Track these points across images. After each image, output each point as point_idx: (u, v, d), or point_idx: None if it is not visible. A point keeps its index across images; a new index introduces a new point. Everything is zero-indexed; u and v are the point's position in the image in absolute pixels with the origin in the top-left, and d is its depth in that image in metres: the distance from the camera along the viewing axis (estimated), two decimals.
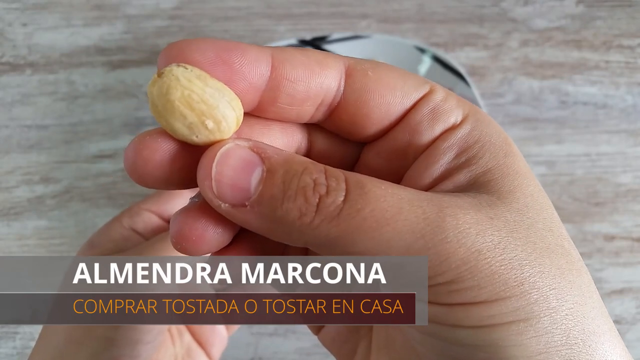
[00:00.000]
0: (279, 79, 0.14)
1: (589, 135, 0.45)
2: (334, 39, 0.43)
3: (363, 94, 0.15)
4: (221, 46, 0.13)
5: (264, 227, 0.13)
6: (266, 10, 0.49)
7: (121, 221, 0.25)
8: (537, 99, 0.46)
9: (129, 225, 0.25)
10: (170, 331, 0.26)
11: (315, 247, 0.13)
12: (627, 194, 0.44)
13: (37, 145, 0.46)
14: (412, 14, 0.48)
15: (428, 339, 0.14)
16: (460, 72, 0.42)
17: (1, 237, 0.44)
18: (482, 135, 0.15)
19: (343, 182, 0.13)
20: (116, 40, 0.48)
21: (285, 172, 0.13)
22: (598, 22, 0.48)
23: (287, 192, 0.12)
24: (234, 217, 0.13)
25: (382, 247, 0.13)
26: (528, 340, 0.13)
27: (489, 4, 0.48)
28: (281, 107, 0.14)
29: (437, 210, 0.13)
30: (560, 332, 0.13)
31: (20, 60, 0.48)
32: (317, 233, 0.13)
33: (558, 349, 0.13)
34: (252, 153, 0.13)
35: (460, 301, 0.13)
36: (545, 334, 0.13)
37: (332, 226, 0.13)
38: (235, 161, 0.13)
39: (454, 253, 0.13)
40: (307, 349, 0.41)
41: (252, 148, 0.13)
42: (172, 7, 0.49)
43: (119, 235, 0.24)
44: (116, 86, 0.47)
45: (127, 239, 0.24)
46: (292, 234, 0.13)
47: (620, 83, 0.46)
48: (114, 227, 0.24)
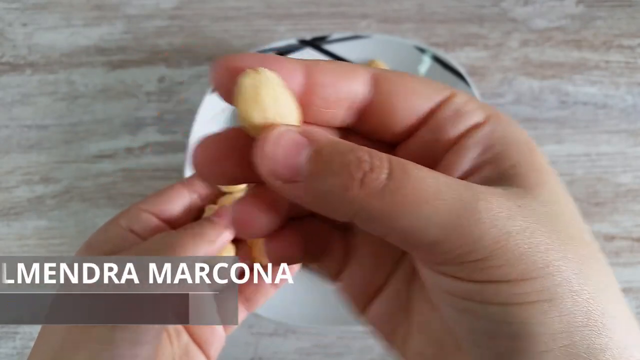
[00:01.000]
0: (312, 84, 0.16)
1: (589, 135, 0.45)
2: (334, 39, 0.43)
3: (389, 97, 0.16)
4: (264, 59, 0.15)
5: (314, 202, 0.15)
6: (266, 10, 0.49)
7: (119, 222, 0.25)
8: (537, 99, 0.46)
9: (127, 225, 0.25)
10: (167, 331, 0.26)
11: (360, 221, 0.15)
12: (627, 194, 0.44)
13: (37, 145, 0.46)
14: (412, 14, 0.48)
15: (462, 316, 0.16)
16: (461, 72, 0.42)
17: (1, 237, 0.44)
18: (506, 132, 0.16)
19: (387, 162, 0.14)
20: (116, 40, 0.48)
21: (331, 151, 0.14)
22: (598, 22, 0.48)
23: (332, 168, 0.14)
24: (288, 193, 0.15)
25: (422, 223, 0.14)
26: (551, 319, 0.14)
27: (489, 4, 0.49)
28: (316, 111, 0.16)
29: (471, 194, 0.14)
30: (581, 313, 0.14)
31: (20, 60, 0.48)
32: (362, 207, 0.14)
33: (579, 329, 0.14)
34: (301, 136, 0.15)
35: (491, 278, 0.14)
36: (568, 314, 0.14)
37: (375, 201, 0.14)
38: (286, 142, 0.15)
39: (487, 233, 0.14)
40: (307, 349, 0.41)
41: (301, 132, 0.15)
42: (172, 7, 0.49)
43: (117, 235, 0.24)
44: (116, 86, 0.47)
45: (125, 239, 0.24)
46: (338, 208, 0.15)
47: (620, 83, 0.46)
48: (112, 227, 0.25)
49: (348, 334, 0.41)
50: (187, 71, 0.47)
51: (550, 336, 0.14)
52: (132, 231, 0.25)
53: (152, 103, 0.46)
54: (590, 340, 0.14)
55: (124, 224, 0.24)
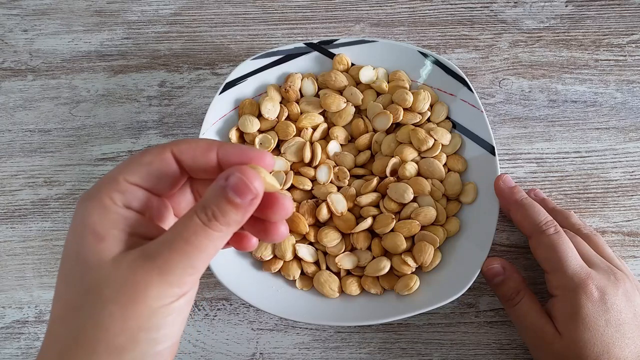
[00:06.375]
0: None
1: (579, 132, 0.46)
2: (340, 43, 0.44)
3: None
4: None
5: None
6: (262, 15, 0.50)
7: (113, 199, 0.23)
8: (528, 98, 0.47)
9: (123, 203, 0.23)
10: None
11: None
12: (617, 189, 0.45)
13: (40, 149, 0.47)
14: (404, 17, 0.49)
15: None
16: (462, 76, 0.42)
17: (6, 239, 0.45)
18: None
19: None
20: (117, 46, 0.49)
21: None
22: (587, 22, 0.49)
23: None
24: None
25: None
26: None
27: (479, 6, 0.49)
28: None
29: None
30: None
31: (21, 65, 0.49)
32: None
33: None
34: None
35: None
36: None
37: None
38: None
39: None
40: (307, 343, 0.42)
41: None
42: (171, 13, 0.50)
43: (120, 217, 0.22)
44: (117, 91, 0.48)
45: (128, 219, 0.23)
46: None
47: (610, 81, 0.47)
48: (110, 207, 0.22)
49: (346, 328, 0.42)
50: (187, 75, 0.48)
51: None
52: (131, 209, 0.23)
53: (153, 107, 0.47)
54: None
55: (119, 202, 0.23)
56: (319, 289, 0.40)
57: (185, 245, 0.21)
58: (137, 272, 0.21)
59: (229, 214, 0.22)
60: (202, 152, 0.24)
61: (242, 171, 0.21)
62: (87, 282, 0.21)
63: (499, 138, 0.46)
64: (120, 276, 0.21)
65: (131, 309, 0.21)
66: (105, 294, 0.21)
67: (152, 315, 0.21)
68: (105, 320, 0.21)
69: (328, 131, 0.43)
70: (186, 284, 0.22)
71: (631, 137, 0.46)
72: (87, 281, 0.21)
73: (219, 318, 0.43)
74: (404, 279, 0.39)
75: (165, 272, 0.21)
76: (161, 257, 0.21)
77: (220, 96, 0.42)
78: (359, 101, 0.43)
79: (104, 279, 0.21)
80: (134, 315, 0.21)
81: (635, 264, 0.43)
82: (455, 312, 0.42)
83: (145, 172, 0.23)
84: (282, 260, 0.40)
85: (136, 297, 0.21)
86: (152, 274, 0.21)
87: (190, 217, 0.22)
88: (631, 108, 0.46)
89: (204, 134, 0.41)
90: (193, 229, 0.21)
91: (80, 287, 0.21)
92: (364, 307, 0.39)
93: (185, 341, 0.42)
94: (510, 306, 0.38)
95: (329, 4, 0.50)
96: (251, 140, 0.43)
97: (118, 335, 0.21)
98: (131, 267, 0.21)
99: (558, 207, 0.42)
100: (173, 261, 0.21)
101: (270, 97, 0.43)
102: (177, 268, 0.21)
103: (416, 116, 0.42)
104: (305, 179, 0.42)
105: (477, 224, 0.40)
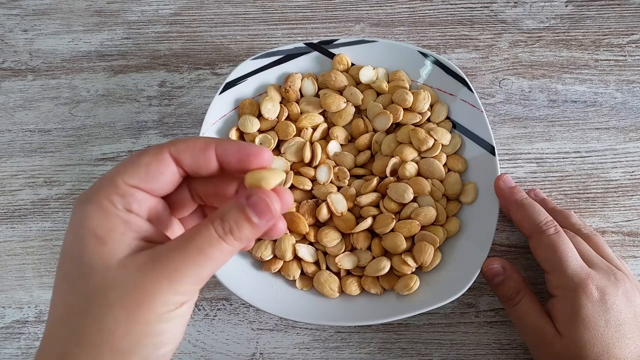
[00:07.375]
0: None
1: (579, 132, 0.46)
2: (340, 43, 0.44)
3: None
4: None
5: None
6: (262, 15, 0.50)
7: (113, 202, 0.22)
8: (528, 98, 0.47)
9: (123, 205, 0.22)
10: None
11: None
12: (617, 189, 0.45)
13: (40, 149, 0.47)
14: (404, 17, 0.49)
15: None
16: (463, 76, 0.42)
17: (6, 239, 0.45)
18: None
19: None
20: (117, 46, 0.49)
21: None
22: (587, 22, 0.49)
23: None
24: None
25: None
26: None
27: (479, 6, 0.49)
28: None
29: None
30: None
31: (21, 65, 0.49)
32: None
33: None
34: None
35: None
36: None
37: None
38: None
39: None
40: (307, 343, 0.42)
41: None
42: (171, 13, 0.50)
43: (121, 220, 0.22)
44: (117, 91, 0.48)
45: (128, 222, 0.22)
46: None
47: (610, 81, 0.47)
48: (110, 210, 0.22)
49: (346, 328, 0.42)
50: (187, 75, 0.48)
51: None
52: (132, 212, 0.23)
53: (153, 107, 0.47)
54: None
55: (120, 206, 0.22)
56: (319, 289, 0.40)
57: (197, 255, 0.21)
58: (145, 277, 0.21)
59: (244, 231, 0.22)
60: (200, 150, 0.24)
61: (265, 193, 0.22)
62: (91, 284, 0.21)
63: (499, 138, 0.46)
64: (128, 280, 0.21)
65: (137, 313, 0.21)
66: (111, 297, 0.21)
67: (157, 321, 0.21)
68: (109, 323, 0.21)
69: (328, 131, 0.43)
70: (191, 293, 0.22)
71: (631, 137, 0.46)
72: (91, 284, 0.21)
73: (219, 318, 0.43)
74: (404, 279, 0.39)
75: (175, 280, 0.21)
76: (173, 263, 0.21)
77: (220, 96, 0.42)
78: (359, 101, 0.43)
79: (110, 282, 0.21)
80: (140, 320, 0.21)
81: (635, 264, 0.43)
82: (455, 312, 0.42)
83: (144, 174, 0.23)
84: (282, 260, 0.40)
85: (143, 301, 0.21)
86: (161, 280, 0.21)
87: (207, 228, 0.22)
88: (631, 108, 0.46)
89: (204, 134, 0.41)
90: (209, 239, 0.22)
91: (83, 289, 0.21)
92: (364, 307, 0.39)
93: (185, 341, 0.42)
94: (510, 306, 0.38)
95: (329, 4, 0.50)
96: (251, 140, 0.43)
97: (122, 339, 0.21)
98: (140, 271, 0.21)
99: (558, 207, 0.42)
100: (184, 269, 0.21)
101: (270, 97, 0.43)
102: (187, 276, 0.21)
103: (416, 116, 0.42)
104: (305, 179, 0.42)
105: (477, 224, 0.40)
